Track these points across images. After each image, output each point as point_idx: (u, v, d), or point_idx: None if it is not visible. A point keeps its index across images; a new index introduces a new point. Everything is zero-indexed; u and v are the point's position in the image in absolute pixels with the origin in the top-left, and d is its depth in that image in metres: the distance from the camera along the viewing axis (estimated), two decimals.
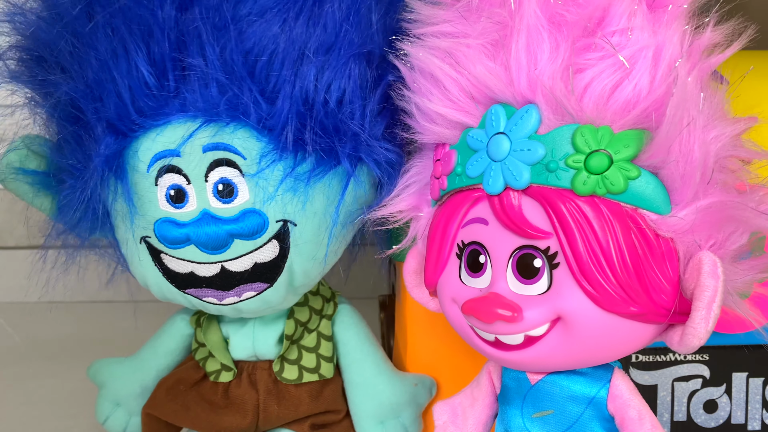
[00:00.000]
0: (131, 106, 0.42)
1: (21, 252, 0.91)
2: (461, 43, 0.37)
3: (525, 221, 0.36)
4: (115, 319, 0.83)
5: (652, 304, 0.35)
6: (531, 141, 0.35)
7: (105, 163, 0.42)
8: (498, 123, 0.36)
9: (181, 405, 0.50)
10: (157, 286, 0.46)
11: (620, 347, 0.37)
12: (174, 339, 0.52)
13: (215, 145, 0.42)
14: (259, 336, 0.50)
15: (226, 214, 0.43)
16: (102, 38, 0.41)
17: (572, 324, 0.35)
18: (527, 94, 0.35)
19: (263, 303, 0.46)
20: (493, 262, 0.37)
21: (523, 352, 0.37)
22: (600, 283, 0.34)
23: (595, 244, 0.34)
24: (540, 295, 0.36)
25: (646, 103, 0.34)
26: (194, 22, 0.40)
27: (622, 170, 0.34)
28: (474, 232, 0.38)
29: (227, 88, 0.41)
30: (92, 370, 0.55)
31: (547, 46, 0.35)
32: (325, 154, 0.43)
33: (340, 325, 0.51)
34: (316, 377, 0.50)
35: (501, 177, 0.36)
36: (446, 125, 0.39)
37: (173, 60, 0.41)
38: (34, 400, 0.69)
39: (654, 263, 0.35)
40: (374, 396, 0.51)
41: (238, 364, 0.50)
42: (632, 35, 0.34)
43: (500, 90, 0.36)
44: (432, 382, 0.53)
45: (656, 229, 0.35)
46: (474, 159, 0.37)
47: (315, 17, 0.42)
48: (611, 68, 0.34)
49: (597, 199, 0.34)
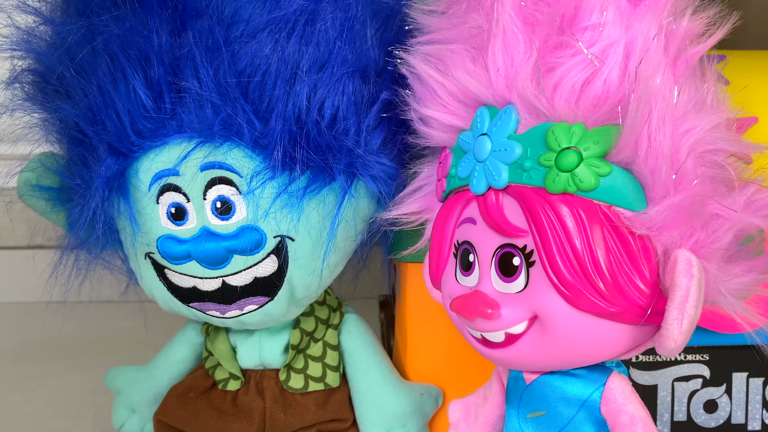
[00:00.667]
0: (130, 129, 0.43)
1: (21, 252, 0.91)
2: (447, 48, 0.38)
3: (504, 220, 0.36)
4: (115, 319, 0.83)
5: (628, 304, 0.34)
6: (509, 141, 0.36)
7: (106, 183, 0.44)
8: (482, 124, 0.37)
9: (190, 412, 0.51)
10: (163, 300, 0.47)
11: (600, 348, 0.36)
12: (185, 347, 0.54)
13: (212, 164, 0.43)
14: (266, 345, 0.50)
15: (225, 231, 0.44)
16: (101, 64, 0.42)
17: (547, 323, 0.35)
18: (506, 95, 0.36)
19: (265, 316, 0.47)
20: (480, 261, 0.38)
21: (505, 350, 0.37)
22: (571, 282, 0.34)
23: (566, 243, 0.34)
24: (518, 293, 0.36)
25: (615, 97, 0.33)
26: (188, 46, 0.41)
27: (591, 167, 0.34)
28: (466, 232, 0.38)
29: (221, 109, 0.42)
30: (108, 377, 0.56)
31: (522, 46, 0.35)
32: (319, 171, 0.44)
33: (346, 335, 0.52)
34: (321, 386, 0.51)
35: (484, 177, 0.37)
36: (441, 129, 0.40)
37: (169, 83, 0.42)
38: (34, 400, 0.69)
39: (629, 262, 0.34)
40: (380, 405, 0.51)
41: (246, 372, 0.51)
42: (603, 30, 0.34)
43: (481, 92, 0.37)
44: (438, 391, 0.53)
45: (630, 227, 0.34)
46: (463, 160, 0.38)
47: (307, 36, 0.42)
48: (581, 65, 0.34)
49: (570, 197, 0.34)
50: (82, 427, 0.64)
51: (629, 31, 0.34)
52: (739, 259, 0.36)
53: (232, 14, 0.42)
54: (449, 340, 0.53)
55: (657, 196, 0.34)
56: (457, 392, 0.53)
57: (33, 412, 0.67)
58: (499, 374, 0.42)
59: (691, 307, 0.33)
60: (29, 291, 0.89)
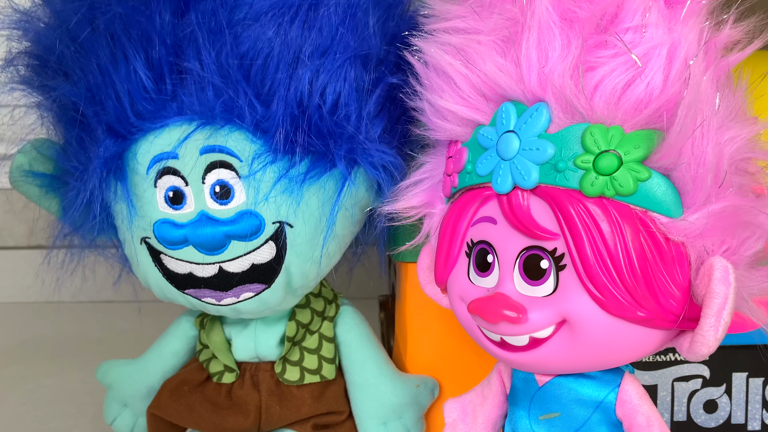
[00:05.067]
0: (130, 110, 0.43)
1: (21, 252, 0.91)
2: (472, 39, 0.37)
3: (532, 221, 0.35)
4: (115, 319, 0.83)
5: (660, 310, 0.34)
6: (540, 140, 0.35)
7: (104, 165, 0.44)
8: (508, 121, 0.36)
9: (185, 405, 0.51)
10: (158, 287, 0.47)
11: (627, 352, 0.36)
12: (179, 340, 0.53)
13: (212, 148, 0.43)
14: (261, 337, 0.50)
15: (223, 216, 0.44)
16: (102, 44, 0.43)
17: (577, 327, 0.35)
18: (537, 92, 0.35)
19: (261, 304, 0.47)
20: (500, 262, 0.37)
21: (528, 353, 0.37)
22: (606, 286, 0.34)
23: (602, 247, 0.34)
24: (546, 296, 0.36)
25: (658, 102, 0.33)
26: (190, 27, 0.42)
27: (631, 171, 0.34)
28: (483, 231, 0.38)
29: (223, 92, 0.42)
30: (100, 372, 0.56)
31: (558, 43, 0.34)
32: (320, 157, 0.44)
33: (342, 327, 0.52)
34: (317, 378, 0.51)
35: (510, 176, 0.36)
36: (457, 122, 0.39)
37: (170, 64, 0.42)
38: (34, 400, 0.69)
39: (663, 268, 0.34)
40: (376, 397, 0.51)
41: (241, 365, 0.51)
42: (646, 32, 0.34)
43: (510, 87, 0.36)
44: (434, 383, 0.53)
45: (666, 233, 0.34)
46: (484, 157, 0.37)
47: (310, 21, 0.43)
48: (623, 66, 0.33)
49: (606, 201, 0.34)
50: (82, 427, 0.64)
51: (671, 35, 0.34)
52: (757, 264, 0.36)
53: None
54: (449, 340, 0.53)
55: (696, 203, 0.34)
56: (456, 390, 0.53)
57: (33, 412, 0.67)
58: (500, 373, 0.42)
59: (727, 315, 0.33)
60: (29, 291, 0.89)
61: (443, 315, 0.52)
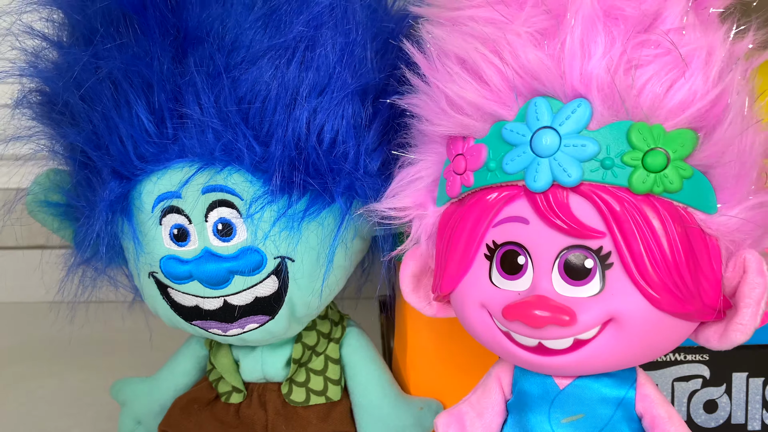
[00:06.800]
0: (133, 153, 0.44)
1: (21, 252, 0.91)
2: (506, 29, 0.36)
3: (576, 220, 0.35)
4: (115, 319, 0.83)
5: (702, 304, 0.35)
6: (582, 137, 0.35)
7: (109, 206, 0.45)
8: (542, 116, 0.35)
9: (194, 423, 0.52)
10: (167, 317, 0.49)
11: (663, 347, 0.37)
12: (190, 360, 0.55)
13: (213, 187, 0.44)
14: (268, 359, 0.52)
15: (226, 252, 0.45)
16: (105, 91, 0.44)
17: (626, 325, 0.35)
18: (579, 88, 0.35)
19: (266, 333, 0.48)
20: (535, 263, 0.36)
21: (569, 356, 0.36)
22: (659, 284, 0.34)
23: (653, 244, 0.34)
24: (592, 296, 0.35)
25: (700, 103, 0.34)
26: (189, 73, 0.42)
27: (678, 169, 0.34)
28: (510, 232, 0.37)
29: (222, 134, 0.43)
30: (115, 389, 0.57)
31: (602, 39, 0.34)
32: (318, 194, 0.44)
33: (347, 348, 0.53)
34: (323, 400, 0.52)
35: (549, 173, 0.35)
36: (478, 116, 0.37)
37: (171, 109, 0.43)
38: (34, 400, 0.69)
39: (704, 262, 0.35)
40: (380, 418, 0.52)
41: (249, 385, 0.52)
42: (686, 34, 0.34)
43: (549, 82, 0.35)
44: (438, 405, 0.54)
45: (704, 228, 0.35)
46: (514, 154, 0.36)
47: (307, 61, 0.43)
48: (668, 66, 0.34)
49: (652, 198, 0.34)
50: (82, 427, 0.64)
51: (707, 38, 0.34)
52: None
53: (233, 41, 0.43)
54: (450, 341, 0.53)
55: (732, 199, 0.35)
56: (456, 393, 0.53)
57: (33, 412, 0.67)
58: (499, 381, 0.42)
59: (765, 303, 0.35)
60: (29, 291, 0.89)
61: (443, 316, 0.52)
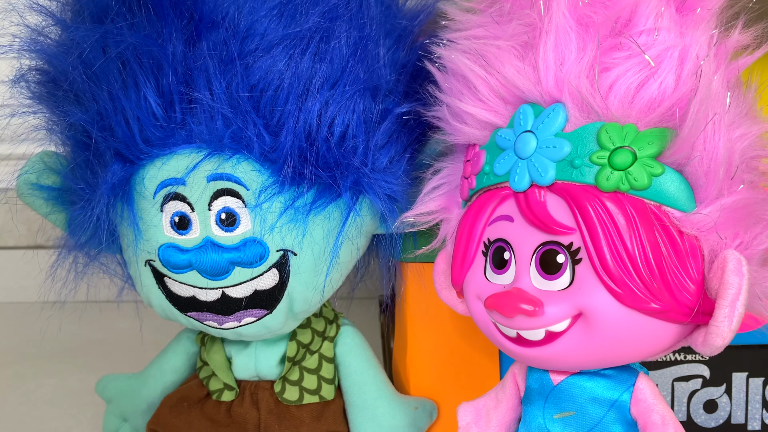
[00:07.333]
0: (139, 136, 0.43)
1: (21, 252, 0.91)
2: (492, 44, 0.39)
3: (549, 217, 0.37)
4: (115, 319, 0.83)
5: (675, 302, 0.35)
6: (557, 138, 0.36)
7: (111, 189, 0.44)
8: (526, 121, 0.38)
9: (184, 422, 0.52)
10: (161, 308, 0.48)
11: (642, 347, 0.37)
12: (180, 357, 0.54)
13: (219, 176, 0.44)
14: (261, 357, 0.51)
15: (228, 243, 0.44)
16: (113, 71, 0.43)
17: (593, 320, 0.36)
18: (554, 93, 0.37)
19: (263, 328, 0.47)
20: (517, 259, 0.38)
21: (544, 348, 0.38)
22: (622, 278, 0.35)
23: (617, 241, 0.35)
24: (562, 290, 0.37)
25: (671, 101, 0.35)
26: (202, 57, 0.42)
27: (645, 166, 0.35)
28: (500, 230, 0.39)
29: (232, 122, 0.43)
30: (100, 386, 0.57)
31: (575, 46, 0.36)
32: (326, 187, 0.44)
33: (342, 347, 0.52)
34: (316, 399, 0.51)
35: (527, 174, 0.37)
36: (476, 125, 0.40)
37: (180, 93, 0.43)
38: (34, 400, 0.69)
39: (677, 261, 0.35)
40: (374, 419, 0.52)
41: (241, 383, 0.52)
42: (658, 35, 0.35)
43: (528, 89, 0.37)
44: (433, 406, 0.54)
45: (680, 227, 0.36)
46: (501, 157, 0.39)
47: (321, 53, 0.43)
48: (637, 67, 0.35)
49: (621, 196, 0.35)
50: (82, 427, 0.64)
51: (683, 38, 0.35)
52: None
53: (248, 27, 0.42)
54: (450, 340, 0.53)
55: (709, 197, 0.35)
56: (457, 392, 0.53)
57: (33, 412, 0.67)
58: (515, 376, 0.43)
59: (741, 305, 0.35)
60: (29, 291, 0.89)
61: (444, 315, 0.52)
